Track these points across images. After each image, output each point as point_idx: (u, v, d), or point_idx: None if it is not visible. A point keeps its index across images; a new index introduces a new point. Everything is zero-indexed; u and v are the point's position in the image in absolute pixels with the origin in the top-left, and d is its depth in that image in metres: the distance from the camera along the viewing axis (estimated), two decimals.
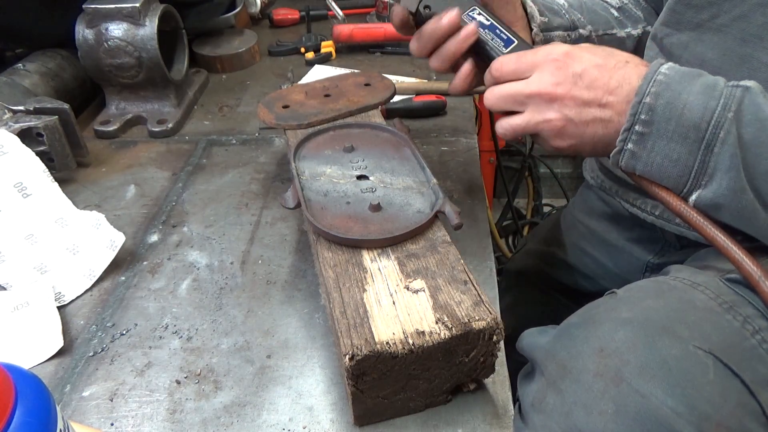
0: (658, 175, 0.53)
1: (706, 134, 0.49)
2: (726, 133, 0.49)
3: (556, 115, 0.54)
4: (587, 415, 0.47)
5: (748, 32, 0.56)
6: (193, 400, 0.57)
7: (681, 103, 0.50)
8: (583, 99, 0.53)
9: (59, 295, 0.67)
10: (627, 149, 0.53)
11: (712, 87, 0.50)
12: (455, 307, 0.51)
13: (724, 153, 0.49)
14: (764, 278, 0.49)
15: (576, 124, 0.54)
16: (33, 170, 0.73)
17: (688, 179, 0.52)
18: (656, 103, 0.50)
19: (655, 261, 0.80)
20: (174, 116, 0.98)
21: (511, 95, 0.57)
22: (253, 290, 0.68)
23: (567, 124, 0.54)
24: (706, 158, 0.50)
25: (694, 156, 0.50)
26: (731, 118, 0.49)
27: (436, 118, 0.99)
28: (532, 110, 0.56)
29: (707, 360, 0.47)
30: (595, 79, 0.53)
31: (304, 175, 0.67)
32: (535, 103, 0.55)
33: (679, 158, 0.51)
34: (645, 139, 0.51)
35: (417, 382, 0.51)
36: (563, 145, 0.56)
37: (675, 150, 0.51)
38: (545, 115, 0.55)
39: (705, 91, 0.50)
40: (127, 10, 0.91)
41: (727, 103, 0.49)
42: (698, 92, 0.50)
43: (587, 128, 0.54)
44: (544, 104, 0.55)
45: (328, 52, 1.19)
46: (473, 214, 0.77)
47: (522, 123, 0.57)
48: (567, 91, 0.54)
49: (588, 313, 0.55)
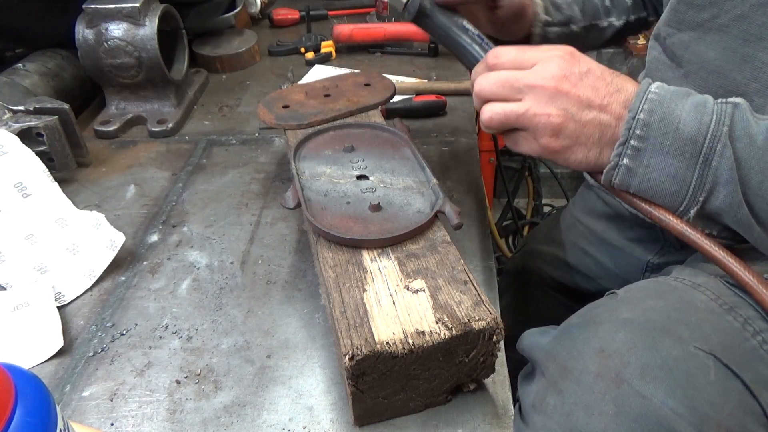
0: (655, 191, 0.52)
1: (703, 148, 0.49)
2: (723, 146, 0.48)
3: (557, 110, 0.52)
4: (588, 416, 0.47)
5: (749, 32, 0.56)
6: (193, 400, 0.57)
7: (675, 118, 0.49)
8: (587, 98, 0.52)
9: (59, 295, 0.67)
10: (623, 164, 0.51)
11: (703, 104, 0.50)
12: (455, 307, 0.51)
13: (722, 167, 0.49)
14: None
15: (575, 123, 0.52)
16: (33, 170, 0.73)
17: (685, 195, 0.51)
18: (650, 118, 0.50)
19: (655, 261, 0.80)
20: (174, 116, 0.98)
21: (509, 81, 0.54)
22: (253, 290, 0.68)
23: (567, 121, 0.52)
24: (704, 172, 0.49)
25: (692, 171, 0.50)
26: (726, 132, 0.48)
27: (436, 118, 0.99)
28: (531, 100, 0.53)
29: (708, 361, 0.47)
30: (599, 79, 0.52)
31: (304, 175, 0.67)
32: (536, 94, 0.53)
33: (676, 173, 0.50)
34: (641, 154, 0.51)
35: (417, 382, 0.51)
36: (555, 145, 0.53)
37: (672, 165, 0.50)
38: (546, 108, 0.52)
39: (696, 108, 0.50)
40: (127, 10, 0.91)
41: (720, 118, 0.49)
42: (690, 109, 0.50)
43: (585, 129, 0.52)
44: (546, 97, 0.52)
45: (328, 52, 1.19)
46: (473, 214, 0.77)
47: (519, 111, 0.53)
48: (572, 86, 0.52)
49: (588, 313, 0.55)
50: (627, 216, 0.80)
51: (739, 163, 0.48)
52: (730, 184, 0.49)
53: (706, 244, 0.51)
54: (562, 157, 0.54)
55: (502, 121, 0.55)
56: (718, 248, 0.51)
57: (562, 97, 0.52)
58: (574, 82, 0.52)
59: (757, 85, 0.56)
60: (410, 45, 1.20)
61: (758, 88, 0.56)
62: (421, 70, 1.13)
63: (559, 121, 0.52)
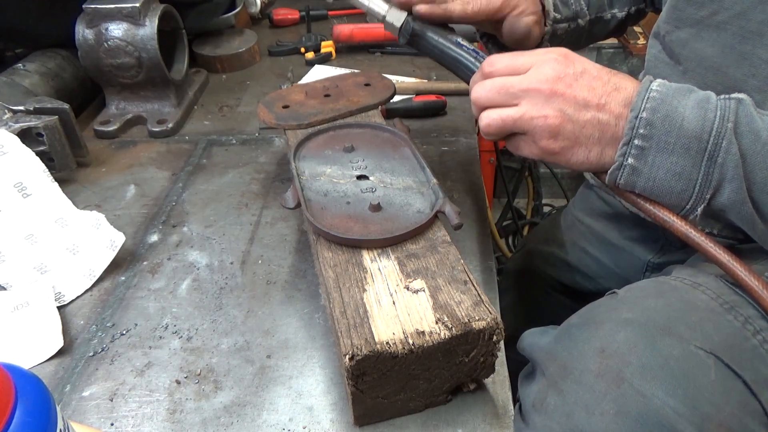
0: (661, 190, 0.51)
1: (708, 145, 0.48)
2: (728, 142, 0.48)
3: (554, 111, 0.52)
4: (588, 415, 0.47)
5: (747, 29, 0.56)
6: (193, 400, 0.56)
7: (679, 116, 0.49)
8: (584, 98, 0.51)
9: (59, 295, 0.67)
10: (627, 164, 0.51)
11: (706, 100, 0.50)
12: (455, 307, 0.51)
13: (728, 163, 0.48)
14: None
15: (573, 123, 0.52)
16: (33, 170, 0.73)
17: (692, 193, 0.50)
18: (653, 117, 0.49)
19: (655, 260, 0.80)
20: (174, 116, 0.98)
21: (505, 87, 0.54)
22: (253, 290, 0.68)
23: (564, 122, 0.52)
24: (710, 169, 0.49)
25: (697, 168, 0.49)
26: (731, 128, 0.48)
27: (436, 118, 0.99)
28: (527, 104, 0.53)
29: (708, 360, 0.47)
30: (595, 79, 0.52)
31: (304, 175, 0.67)
32: (532, 98, 0.53)
33: (682, 171, 0.50)
34: (645, 154, 0.50)
35: (417, 382, 0.51)
36: (554, 146, 0.53)
37: (678, 163, 0.49)
38: (542, 110, 0.52)
39: (700, 104, 0.49)
40: (127, 10, 0.91)
41: (724, 114, 0.49)
42: (693, 106, 0.49)
43: (583, 130, 0.52)
44: (542, 99, 0.52)
45: (328, 52, 1.19)
46: (473, 214, 0.77)
47: (516, 115, 0.53)
48: (567, 87, 0.52)
49: (589, 313, 0.55)
50: (627, 215, 0.80)
51: (744, 159, 0.48)
52: (735, 180, 0.49)
53: (710, 248, 0.51)
54: (563, 159, 0.54)
55: (500, 126, 0.55)
56: (722, 251, 0.51)
57: (557, 98, 0.52)
58: (569, 83, 0.52)
59: (755, 82, 0.56)
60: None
61: (757, 85, 0.56)
62: (421, 70, 1.13)
63: (556, 123, 0.52)
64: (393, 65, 1.16)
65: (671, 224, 0.52)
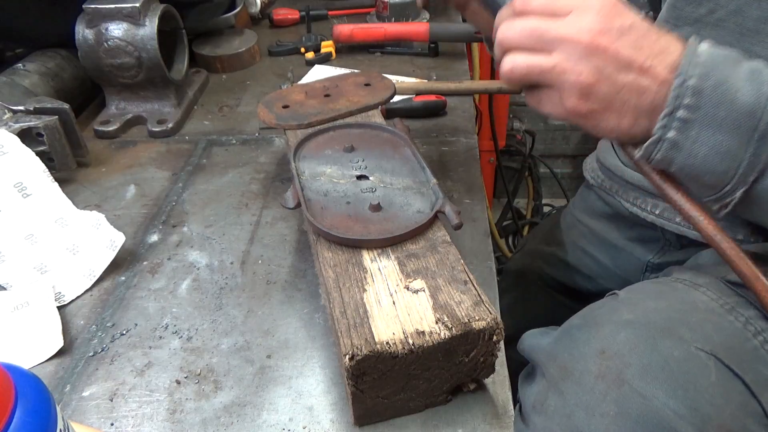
0: (700, 169, 0.46)
1: (760, 123, 0.43)
2: None
3: (590, 68, 0.45)
4: (589, 417, 0.47)
5: (744, 26, 0.55)
6: (193, 400, 0.56)
7: (732, 87, 0.43)
8: (627, 57, 0.45)
9: (59, 295, 0.67)
10: (667, 138, 0.45)
11: (759, 71, 0.45)
12: (455, 307, 0.50)
13: None
14: None
15: (609, 85, 0.45)
16: (33, 170, 0.73)
17: (734, 174, 0.45)
18: (703, 85, 0.44)
19: (655, 260, 0.80)
20: (174, 116, 0.98)
21: (538, 31, 0.47)
22: (253, 290, 0.68)
23: (599, 82, 0.45)
24: (759, 150, 0.44)
25: (744, 148, 0.44)
26: None
27: (436, 118, 0.99)
28: (561, 55, 0.46)
29: (709, 361, 0.47)
30: (643, 36, 0.46)
31: (304, 175, 0.67)
32: (568, 48, 0.46)
33: (728, 150, 0.44)
34: (689, 127, 0.44)
35: (417, 382, 0.51)
36: (583, 108, 0.47)
37: (724, 141, 0.44)
38: (577, 65, 0.46)
39: (753, 76, 0.44)
40: (127, 10, 0.91)
41: None
42: (746, 78, 0.44)
43: (620, 94, 0.46)
44: (579, 52, 0.45)
45: (328, 52, 1.19)
46: (473, 214, 0.77)
47: (546, 65, 0.47)
48: (611, 43, 0.45)
49: (589, 314, 0.55)
50: (627, 215, 0.80)
51: None
52: None
53: (733, 253, 0.47)
54: (590, 123, 0.48)
55: (524, 74, 0.49)
56: (746, 259, 0.47)
57: (597, 54, 0.45)
58: (613, 38, 0.45)
59: None
60: (410, 45, 1.20)
61: None
62: (421, 70, 1.13)
63: (590, 81, 0.46)
64: (393, 65, 1.16)
65: (698, 223, 0.48)
